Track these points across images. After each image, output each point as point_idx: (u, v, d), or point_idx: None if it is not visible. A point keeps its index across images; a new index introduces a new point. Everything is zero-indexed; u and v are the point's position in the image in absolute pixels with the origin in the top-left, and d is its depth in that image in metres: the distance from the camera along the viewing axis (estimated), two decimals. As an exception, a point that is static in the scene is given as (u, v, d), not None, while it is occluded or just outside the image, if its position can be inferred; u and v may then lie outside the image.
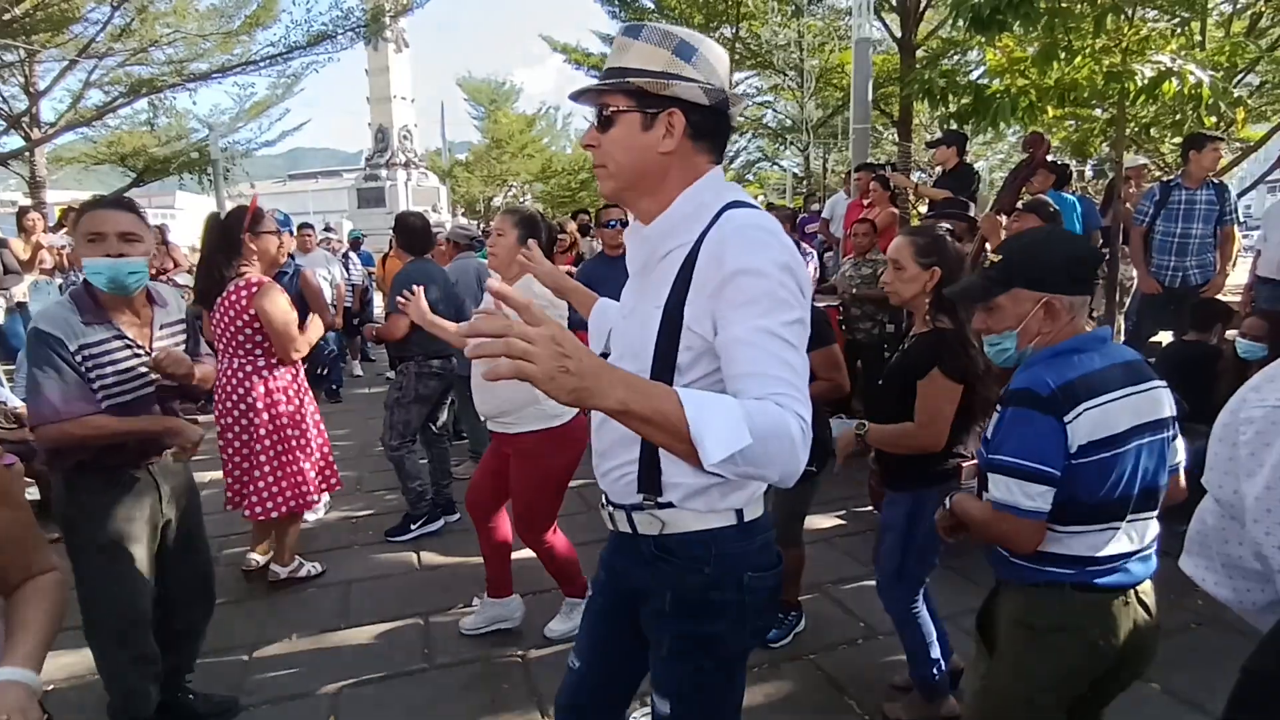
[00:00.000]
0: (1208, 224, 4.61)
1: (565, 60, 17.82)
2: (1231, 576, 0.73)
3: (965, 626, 2.93)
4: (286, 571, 3.48)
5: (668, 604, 1.34)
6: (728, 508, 1.31)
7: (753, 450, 0.99)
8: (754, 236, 1.17)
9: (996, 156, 18.82)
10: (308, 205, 34.53)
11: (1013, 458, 1.47)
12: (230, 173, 14.20)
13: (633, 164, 1.26)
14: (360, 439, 5.97)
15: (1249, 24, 8.99)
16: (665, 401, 0.97)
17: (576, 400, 0.93)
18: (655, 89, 1.21)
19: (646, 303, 1.29)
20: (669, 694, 1.38)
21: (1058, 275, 1.54)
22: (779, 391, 1.07)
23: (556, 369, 0.90)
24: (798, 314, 1.16)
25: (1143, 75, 4.52)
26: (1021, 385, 1.50)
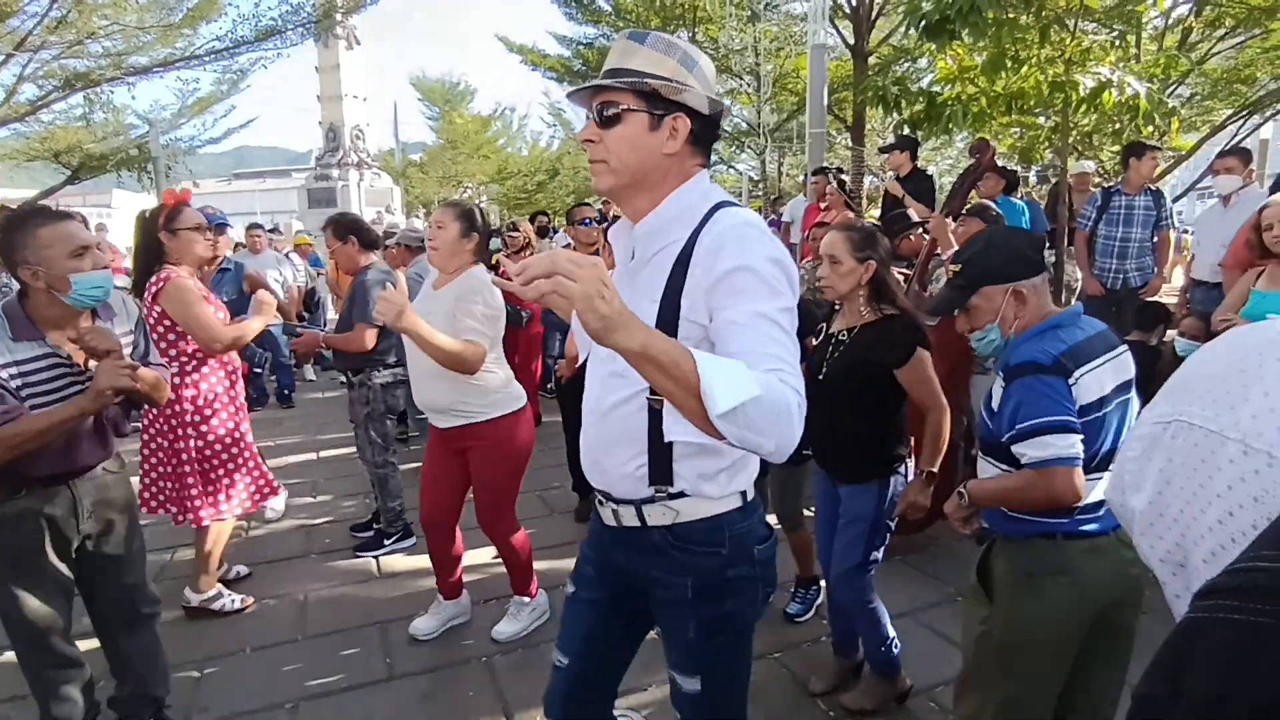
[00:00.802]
0: (1146, 229, 4.81)
1: (521, 62, 17.70)
2: None
3: (924, 621, 3.01)
4: (199, 600, 3.17)
5: (690, 590, 1.41)
6: (734, 490, 1.40)
7: (758, 408, 1.01)
8: (746, 234, 1.26)
9: (946, 162, 19.33)
10: (255, 205, 33.54)
11: (1043, 417, 1.59)
12: (172, 171, 13.68)
13: (638, 162, 1.32)
14: (314, 445, 5.82)
15: (1180, 38, 9.41)
16: (680, 353, 1.01)
17: (603, 329, 0.97)
18: (669, 93, 1.28)
19: (640, 297, 1.33)
20: (697, 671, 1.46)
21: (1013, 265, 1.74)
22: (776, 368, 1.12)
23: (595, 293, 0.95)
24: (788, 302, 1.24)
25: (1085, 85, 4.71)
26: (1024, 359, 1.64)
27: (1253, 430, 0.46)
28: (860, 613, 2.45)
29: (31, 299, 1.98)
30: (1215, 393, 0.50)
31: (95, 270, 1.97)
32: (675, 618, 1.46)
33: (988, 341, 1.79)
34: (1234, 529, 0.46)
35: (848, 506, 2.42)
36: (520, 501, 4.47)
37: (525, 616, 3.03)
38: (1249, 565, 0.39)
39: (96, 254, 1.99)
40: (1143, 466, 0.55)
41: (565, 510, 4.33)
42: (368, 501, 4.39)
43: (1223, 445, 0.48)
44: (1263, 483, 0.45)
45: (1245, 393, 0.48)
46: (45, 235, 1.94)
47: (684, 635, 1.44)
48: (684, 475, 1.35)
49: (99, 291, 1.99)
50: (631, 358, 1.00)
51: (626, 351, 0.99)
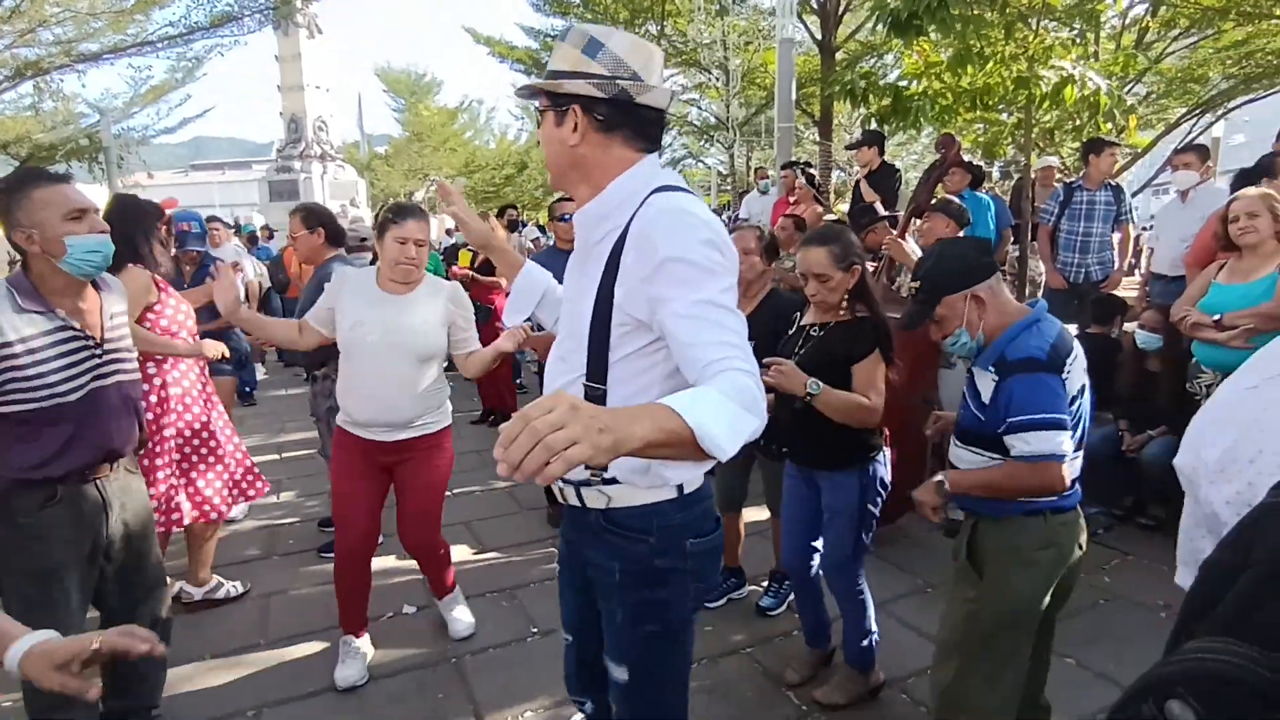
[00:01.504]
0: (1107, 223, 4.90)
1: (489, 53, 17.48)
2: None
3: (894, 612, 3.04)
4: (201, 593, 3.22)
5: (617, 575, 1.42)
6: (668, 483, 1.39)
7: (745, 424, 1.06)
8: (676, 219, 1.25)
9: (911, 156, 19.58)
10: (213, 197, 32.76)
11: (1040, 414, 1.70)
12: (125, 161, 13.26)
13: (554, 157, 1.37)
14: (276, 443, 5.69)
15: (1137, 37, 9.61)
16: (670, 420, 0.96)
17: (612, 455, 0.90)
18: (552, 88, 1.30)
19: (585, 285, 1.36)
20: (624, 660, 1.46)
21: (966, 272, 1.87)
22: (725, 356, 1.15)
23: (596, 434, 0.87)
24: (728, 280, 1.26)
25: (1048, 80, 4.78)
26: (1022, 355, 1.75)
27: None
28: (852, 601, 2.46)
29: (34, 269, 1.88)
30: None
31: (92, 234, 1.87)
32: (607, 601, 1.47)
33: (960, 345, 1.90)
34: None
35: (831, 499, 2.42)
36: (489, 498, 4.46)
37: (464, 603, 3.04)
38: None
39: (94, 219, 1.89)
40: (1223, 425, 0.66)
41: (534, 507, 4.28)
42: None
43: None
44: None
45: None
46: (40, 197, 1.84)
47: (614, 620, 1.46)
48: (617, 462, 1.31)
49: (97, 257, 1.88)
50: (638, 454, 0.96)
51: (633, 452, 0.95)
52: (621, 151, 1.34)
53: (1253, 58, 9.24)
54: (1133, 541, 3.53)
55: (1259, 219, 2.96)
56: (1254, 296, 2.97)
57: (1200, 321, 3.09)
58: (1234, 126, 22.18)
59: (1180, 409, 3.65)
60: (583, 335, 1.34)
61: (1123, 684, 2.49)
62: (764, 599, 3.10)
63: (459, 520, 4.06)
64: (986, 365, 1.83)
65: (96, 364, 1.94)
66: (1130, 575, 3.24)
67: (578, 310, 1.37)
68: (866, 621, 2.47)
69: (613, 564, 1.42)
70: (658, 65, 1.35)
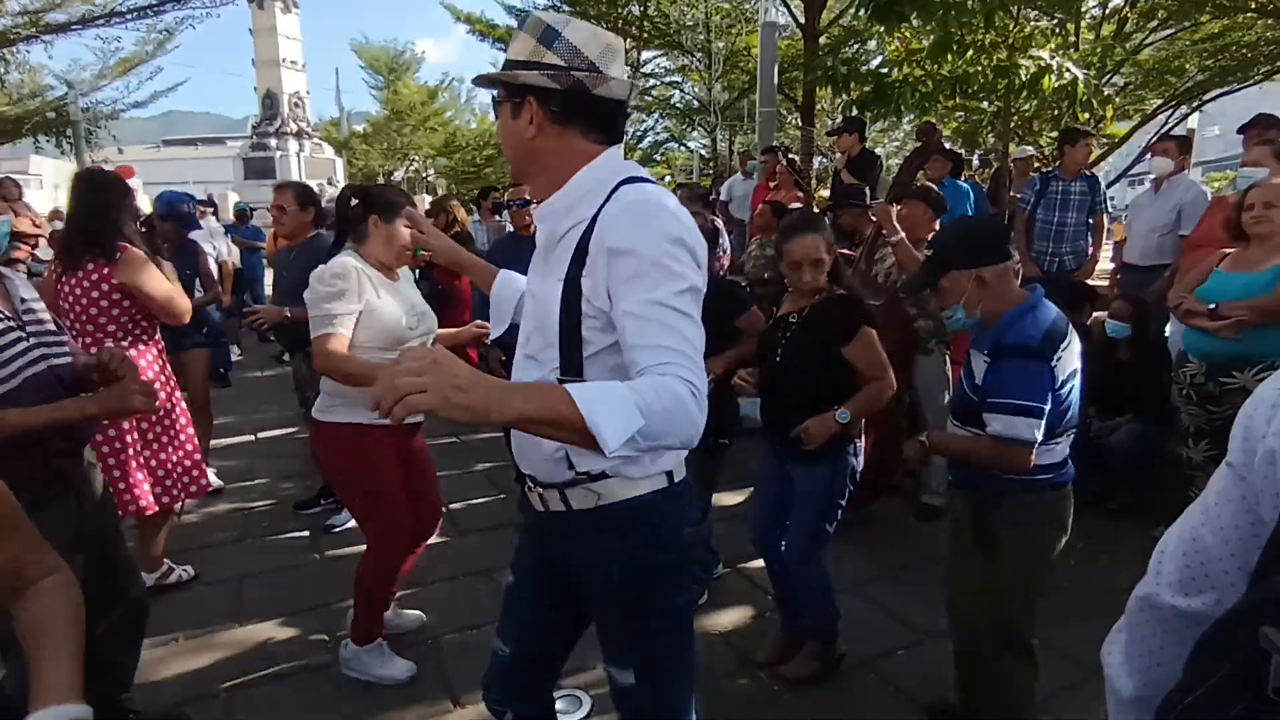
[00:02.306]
0: (1081, 213, 4.96)
1: (469, 31, 17.21)
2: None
3: (865, 594, 3.08)
4: (153, 579, 3.11)
5: (615, 576, 1.37)
6: (659, 470, 1.35)
7: (649, 428, 1.03)
8: (643, 211, 1.22)
9: (893, 143, 19.64)
10: (186, 174, 32.06)
11: (1018, 399, 1.79)
12: (93, 135, 12.94)
13: (512, 149, 1.35)
14: (252, 426, 5.62)
15: (1116, 28, 9.68)
16: (559, 402, 0.99)
17: (473, 416, 0.94)
18: (507, 79, 1.29)
19: (550, 278, 1.33)
20: (630, 663, 1.41)
21: (979, 252, 1.91)
22: (667, 361, 1.11)
23: (449, 390, 0.92)
24: (689, 283, 1.20)
25: (1026, 70, 4.81)
26: (1015, 341, 1.82)
27: None
28: (809, 585, 2.51)
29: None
30: None
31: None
32: (603, 606, 1.42)
33: (954, 320, 1.97)
34: None
35: (803, 485, 2.46)
36: (466, 481, 4.46)
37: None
38: None
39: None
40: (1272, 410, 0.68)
41: (511, 491, 4.27)
42: (308, 484, 4.27)
43: None
44: None
45: None
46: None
47: (613, 624, 1.42)
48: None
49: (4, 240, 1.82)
50: (513, 425, 1.00)
51: (507, 422, 0.99)
52: (580, 144, 1.31)
53: (1228, 51, 9.35)
54: (1099, 526, 3.60)
55: (1276, 209, 2.83)
56: (1256, 288, 2.87)
57: (1194, 309, 3.00)
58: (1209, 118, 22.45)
59: (1147, 397, 3.73)
60: (552, 330, 1.29)
61: (1087, 664, 2.55)
62: None
63: (436, 503, 4.05)
64: (984, 349, 1.90)
65: (25, 348, 1.79)
66: (1096, 558, 3.31)
67: (545, 306, 1.33)
68: (827, 600, 2.53)
69: (610, 567, 1.36)
70: (618, 56, 1.31)
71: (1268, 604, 0.50)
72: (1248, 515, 0.72)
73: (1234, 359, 2.98)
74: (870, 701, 2.47)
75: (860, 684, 2.55)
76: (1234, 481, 0.74)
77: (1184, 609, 0.77)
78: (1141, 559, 1.20)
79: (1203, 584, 0.76)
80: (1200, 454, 3.29)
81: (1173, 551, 0.81)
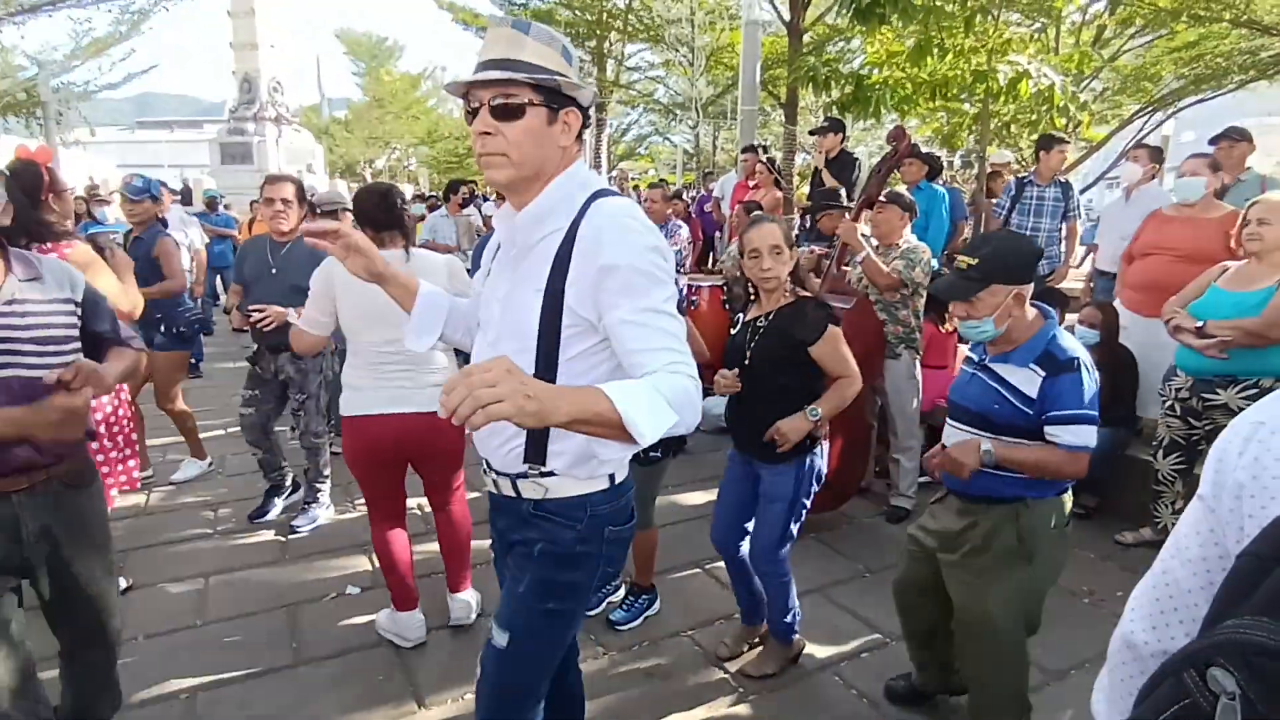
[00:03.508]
0: (1055, 219, 5.02)
1: (453, 20, 17.04)
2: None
3: (833, 597, 3.11)
4: None
5: (536, 551, 1.47)
6: (603, 474, 1.46)
7: (675, 421, 1.16)
8: (625, 224, 1.32)
9: (876, 143, 19.71)
10: (161, 157, 31.44)
11: (1084, 409, 1.88)
12: (64, 117, 12.65)
13: (541, 157, 1.34)
14: (224, 417, 5.54)
15: (1095, 34, 9.79)
16: (599, 403, 1.08)
17: (539, 421, 1.02)
18: (568, 89, 1.32)
19: (525, 286, 1.38)
20: (509, 626, 1.49)
21: (1023, 269, 1.95)
22: (671, 360, 1.23)
23: (523, 398, 0.98)
24: (670, 287, 1.33)
25: (1005, 74, 4.85)
26: (1070, 356, 1.90)
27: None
28: (775, 583, 2.54)
29: None
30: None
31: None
32: (516, 570, 1.52)
33: (981, 331, 1.97)
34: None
35: (770, 486, 2.49)
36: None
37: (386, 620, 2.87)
38: None
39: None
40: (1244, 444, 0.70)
41: (481, 490, 4.25)
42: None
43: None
44: None
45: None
46: None
47: (515, 589, 1.50)
48: (559, 455, 1.41)
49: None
50: (563, 427, 1.08)
51: (558, 424, 1.07)
52: (572, 154, 1.40)
53: (1202, 59, 9.49)
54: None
55: (1268, 227, 2.81)
56: (1247, 307, 2.85)
57: (1183, 325, 2.99)
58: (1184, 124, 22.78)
59: (1114, 403, 3.78)
60: (528, 336, 1.36)
61: (1047, 666, 2.60)
62: (615, 612, 2.93)
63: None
64: (1026, 363, 1.93)
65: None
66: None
67: (517, 311, 1.39)
68: (790, 600, 2.57)
69: (536, 542, 1.47)
70: None
71: (1219, 646, 0.50)
72: (1216, 549, 0.73)
73: (1220, 376, 3.00)
74: (834, 703, 2.49)
75: (825, 687, 2.58)
76: (1204, 514, 0.75)
77: (1156, 650, 0.77)
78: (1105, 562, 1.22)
79: (1171, 618, 0.77)
80: (1168, 466, 3.35)
81: (1144, 587, 0.81)
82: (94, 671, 2.08)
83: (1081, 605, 3.03)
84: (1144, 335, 3.76)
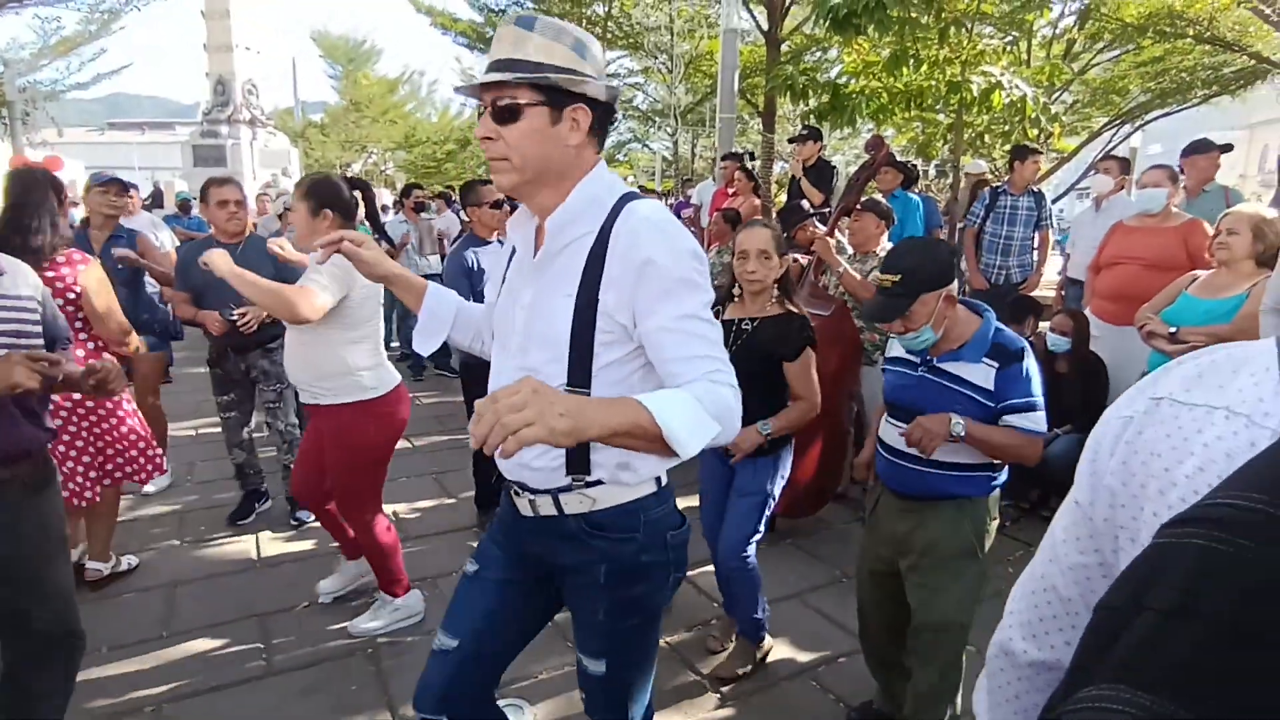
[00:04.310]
0: (1028, 228, 5.11)
1: (431, 24, 16.97)
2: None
3: (810, 602, 3.11)
4: (109, 568, 3.17)
5: (603, 575, 1.40)
6: (650, 476, 1.40)
7: (718, 432, 1.13)
8: (662, 228, 1.27)
9: (853, 152, 19.93)
10: (132, 159, 30.91)
11: (1035, 396, 1.92)
12: (30, 116, 12.39)
13: (544, 158, 1.29)
14: (193, 421, 5.44)
15: (1065, 48, 10.00)
16: (638, 414, 1.05)
17: (573, 439, 0.98)
18: (570, 86, 1.25)
19: (553, 292, 1.33)
20: (603, 653, 1.46)
21: (944, 272, 1.97)
22: (710, 370, 1.20)
23: (554, 418, 0.95)
24: (709, 293, 1.29)
25: (978, 85, 4.94)
26: (1019, 346, 1.95)
27: (1236, 400, 0.57)
28: (745, 579, 2.56)
29: None
30: (1203, 381, 0.61)
31: None
32: (586, 601, 1.46)
33: (922, 340, 1.98)
34: (1205, 480, 0.55)
35: (743, 481, 2.53)
36: (415, 485, 4.38)
37: (386, 614, 2.87)
38: (1215, 502, 0.46)
39: None
40: (1114, 443, 0.65)
41: (463, 495, 4.22)
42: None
43: (1208, 415, 0.58)
44: (1237, 441, 0.55)
45: (1233, 377, 0.59)
46: None
47: (594, 618, 1.45)
48: (602, 464, 1.35)
49: None
50: (601, 440, 1.05)
51: (596, 438, 1.03)
52: (590, 155, 1.34)
53: (1168, 74, 9.74)
54: (1036, 534, 3.70)
55: (1236, 237, 2.88)
56: (1217, 315, 2.88)
57: (1156, 331, 3.02)
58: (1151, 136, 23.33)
59: (1085, 410, 3.85)
60: (559, 344, 1.31)
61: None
62: None
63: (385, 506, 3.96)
64: (979, 358, 1.96)
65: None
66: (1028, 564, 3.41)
67: (546, 319, 1.33)
68: (759, 595, 2.59)
69: (597, 566, 1.40)
70: None
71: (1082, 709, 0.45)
72: (1096, 555, 0.67)
73: None
74: (811, 707, 2.50)
75: (802, 693, 2.58)
76: (1080, 520, 0.69)
77: (1035, 659, 0.72)
78: None
79: (1050, 625, 0.72)
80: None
81: (1023, 590, 0.76)
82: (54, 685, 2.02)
83: (1054, 608, 3.07)
84: (1114, 343, 3.83)
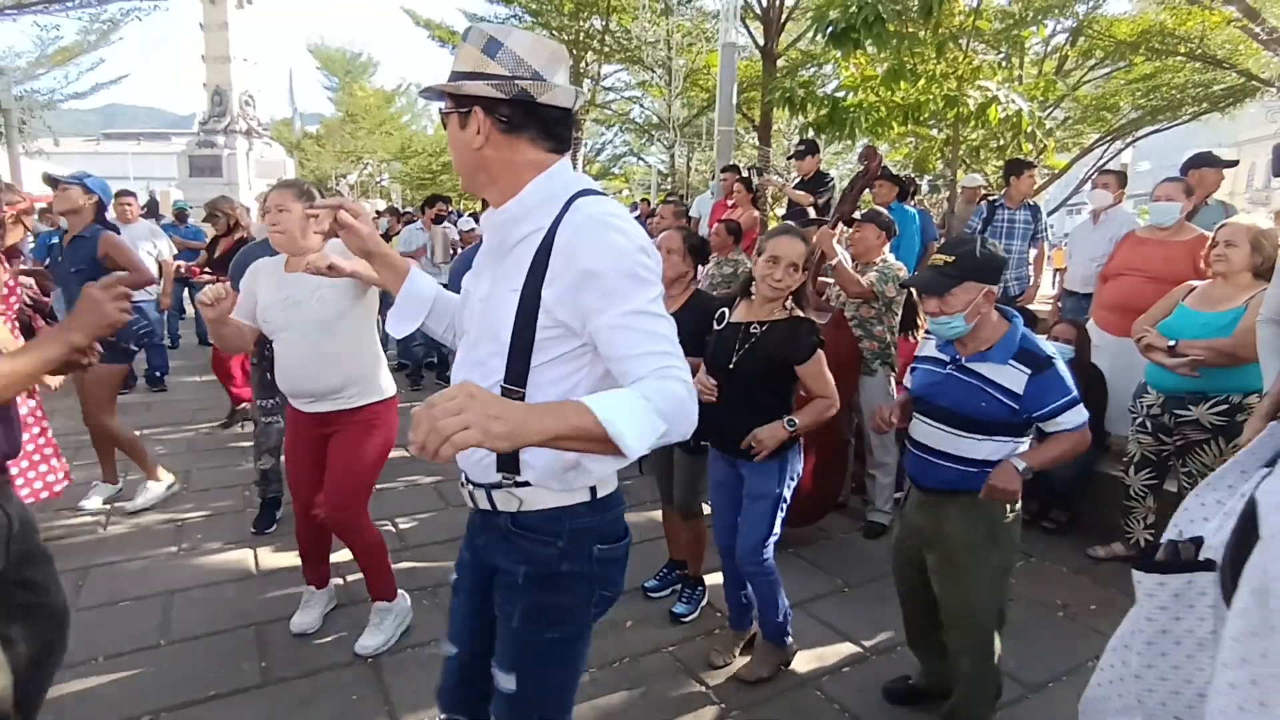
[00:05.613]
0: (1025, 241, 5.15)
1: (429, 37, 17.07)
2: None
3: (813, 612, 3.10)
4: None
5: (521, 578, 1.39)
6: (582, 486, 1.37)
7: (668, 431, 1.11)
8: (606, 224, 1.24)
9: (846, 166, 20.08)
10: (127, 169, 30.90)
11: (1074, 393, 2.01)
12: (26, 125, 12.37)
13: (461, 160, 1.34)
14: (189, 431, 5.41)
15: (1058, 64, 10.12)
16: (581, 417, 1.03)
17: (512, 443, 0.98)
18: (452, 90, 1.28)
19: (503, 286, 1.34)
20: (514, 667, 1.41)
21: (994, 271, 2.06)
22: (660, 365, 1.17)
23: (490, 421, 0.94)
24: (658, 287, 1.26)
25: (974, 100, 4.99)
26: (1049, 352, 2.03)
27: None
28: (764, 582, 2.56)
29: None
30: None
31: None
32: (506, 604, 1.43)
33: (951, 327, 2.06)
34: None
35: (754, 484, 2.53)
36: (414, 494, 4.36)
37: (389, 626, 2.83)
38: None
39: None
40: None
41: (459, 504, 4.19)
42: (246, 494, 4.11)
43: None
44: None
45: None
46: None
47: (509, 624, 1.42)
48: (532, 466, 1.34)
49: None
50: (543, 445, 1.03)
51: (537, 443, 1.02)
52: (530, 153, 1.31)
53: (1159, 91, 9.86)
54: (1035, 543, 3.71)
55: (1234, 249, 2.88)
56: (1215, 328, 2.89)
57: (1154, 344, 3.04)
58: (1141, 153, 23.65)
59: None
60: (504, 336, 1.30)
61: (1024, 679, 2.62)
62: (677, 605, 3.07)
63: (383, 516, 3.94)
64: (1006, 360, 2.03)
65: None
66: (1032, 576, 3.40)
67: (494, 312, 1.34)
68: (780, 598, 2.60)
69: (518, 567, 1.39)
70: (561, 64, 1.32)
71: None
72: None
73: (1190, 393, 3.06)
74: (815, 717, 2.48)
75: (806, 700, 2.56)
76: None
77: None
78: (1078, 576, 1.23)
79: None
80: (1139, 482, 3.42)
81: None
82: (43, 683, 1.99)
83: (1056, 619, 3.07)
84: (1115, 354, 3.85)
